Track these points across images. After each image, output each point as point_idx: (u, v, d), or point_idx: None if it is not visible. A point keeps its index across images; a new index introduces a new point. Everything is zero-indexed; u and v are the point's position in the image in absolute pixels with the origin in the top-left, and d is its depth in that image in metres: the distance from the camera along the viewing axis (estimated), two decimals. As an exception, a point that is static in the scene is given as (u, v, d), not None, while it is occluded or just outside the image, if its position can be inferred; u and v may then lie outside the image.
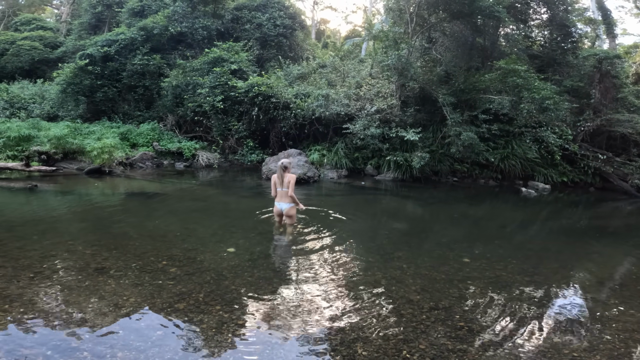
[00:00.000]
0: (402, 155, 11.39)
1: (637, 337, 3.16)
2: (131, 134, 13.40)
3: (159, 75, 15.13)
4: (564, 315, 3.50)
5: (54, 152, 10.79)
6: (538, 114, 11.53)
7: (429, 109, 12.26)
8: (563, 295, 4.06)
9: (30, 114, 14.90)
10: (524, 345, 2.93)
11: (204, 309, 3.14)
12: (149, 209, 7.08)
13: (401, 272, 4.34)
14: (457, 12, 11.53)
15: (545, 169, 12.23)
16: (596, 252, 5.94)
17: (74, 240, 4.85)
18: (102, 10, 20.10)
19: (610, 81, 13.14)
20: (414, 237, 6.25)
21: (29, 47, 19.96)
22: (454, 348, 2.83)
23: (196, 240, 5.06)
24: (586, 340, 3.08)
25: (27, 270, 3.75)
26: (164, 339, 2.74)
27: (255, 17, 17.09)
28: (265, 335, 2.89)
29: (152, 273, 3.82)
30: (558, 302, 3.84)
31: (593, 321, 3.45)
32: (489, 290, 3.95)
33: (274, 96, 12.68)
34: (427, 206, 9.09)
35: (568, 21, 14.09)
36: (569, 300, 3.93)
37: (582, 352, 2.89)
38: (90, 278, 3.65)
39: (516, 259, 5.10)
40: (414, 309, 3.42)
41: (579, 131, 12.75)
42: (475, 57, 12.97)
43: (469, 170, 12.33)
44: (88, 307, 3.10)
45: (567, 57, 14.01)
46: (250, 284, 3.69)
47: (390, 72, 12.09)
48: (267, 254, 4.67)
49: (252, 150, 13.35)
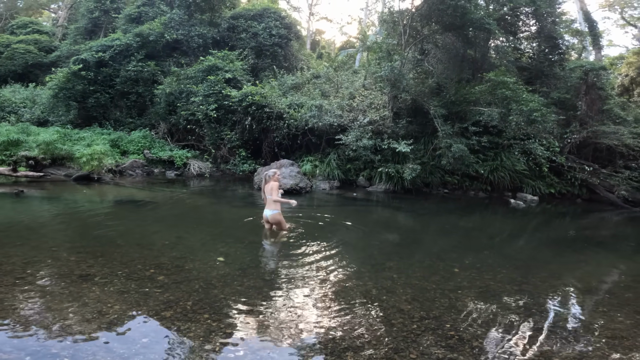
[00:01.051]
0: (393, 167, 11.47)
1: (626, 344, 3.19)
2: (122, 141, 13.29)
3: (152, 82, 15.10)
4: (553, 324, 3.52)
5: (42, 157, 10.63)
6: (526, 126, 11.76)
7: (421, 121, 12.42)
8: (552, 303, 4.10)
9: (20, 118, 14.71)
10: (515, 353, 2.94)
11: (191, 317, 3.08)
12: (137, 216, 6.97)
13: (392, 282, 4.33)
14: (449, 25, 11.81)
15: (534, 180, 12.41)
16: (583, 262, 6.01)
17: (58, 246, 4.74)
18: (99, 15, 20.09)
19: (596, 93, 13.42)
20: (405, 248, 6.26)
21: (23, 51, 19.80)
22: (444, 357, 2.82)
23: (185, 248, 4.99)
24: (576, 348, 3.10)
25: (9, 275, 3.65)
26: (149, 346, 2.68)
27: (251, 26, 17.24)
28: (254, 344, 2.84)
29: (139, 281, 3.75)
30: (547, 311, 3.87)
31: (582, 329, 3.49)
32: (478, 300, 3.97)
33: (267, 106, 12.73)
34: (417, 217, 9.13)
35: (556, 33, 14.45)
36: (557, 308, 3.97)
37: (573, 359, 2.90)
38: (74, 285, 3.56)
39: (505, 269, 5.13)
40: (404, 319, 3.40)
41: (566, 143, 12.97)
42: (466, 69, 13.24)
43: (460, 182, 12.45)
44: (70, 313, 3.01)
45: (555, 69, 14.31)
46: (240, 293, 3.63)
47: (383, 83, 12.26)
48: (258, 263, 4.62)
49: (244, 160, 13.31)
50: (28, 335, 2.68)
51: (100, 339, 2.70)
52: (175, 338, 2.80)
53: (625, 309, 3.95)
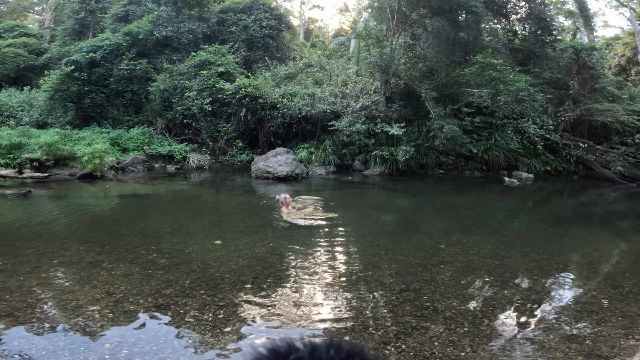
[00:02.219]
0: (387, 150, 11.71)
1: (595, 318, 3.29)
2: (121, 138, 13.55)
3: (146, 79, 15.23)
4: (526, 296, 3.70)
5: (45, 158, 10.93)
6: (515, 105, 11.91)
7: (414, 104, 12.57)
8: (529, 276, 4.25)
9: (20, 121, 14.94)
10: (485, 323, 3.14)
11: (189, 293, 3.42)
12: (140, 209, 7.31)
13: (378, 258, 4.61)
14: (438, 9, 11.85)
15: (529, 158, 12.60)
16: (568, 237, 6.12)
17: (68, 239, 5.08)
18: (86, 16, 20.01)
19: (587, 72, 13.53)
20: (395, 227, 6.55)
21: (13, 54, 19.81)
22: (417, 325, 3.06)
23: (185, 234, 5.31)
24: (545, 319, 3.26)
25: (26, 265, 3.99)
26: (149, 317, 3.02)
27: (240, 19, 17.23)
28: (241, 313, 3.17)
29: (142, 264, 4.08)
30: (523, 283, 4.04)
31: (555, 302, 3.64)
32: (459, 274, 4.18)
33: (261, 97, 12.92)
34: (411, 198, 9.40)
35: (545, 14, 14.48)
36: (534, 281, 4.12)
37: (538, 331, 3.07)
38: (85, 270, 3.90)
39: (490, 245, 5.34)
40: (385, 291, 3.68)
41: (560, 121, 13.14)
42: (457, 52, 13.30)
43: (455, 162, 12.67)
44: (82, 295, 3.35)
45: (546, 50, 14.41)
46: (234, 272, 3.96)
47: (373, 69, 12.39)
48: (252, 245, 4.93)
49: (241, 150, 13.57)
50: (46, 314, 3.03)
51: (107, 314, 3.04)
52: (172, 311, 3.13)
53: (602, 283, 4.08)
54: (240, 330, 2.91)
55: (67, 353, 2.53)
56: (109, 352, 2.56)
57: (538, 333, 3.05)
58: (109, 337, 2.73)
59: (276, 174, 10.65)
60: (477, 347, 2.80)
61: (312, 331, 2.94)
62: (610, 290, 3.90)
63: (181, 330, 2.87)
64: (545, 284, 4.09)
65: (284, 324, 3.02)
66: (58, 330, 2.79)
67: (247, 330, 2.93)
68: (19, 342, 2.63)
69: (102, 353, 2.55)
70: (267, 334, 2.89)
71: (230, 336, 2.83)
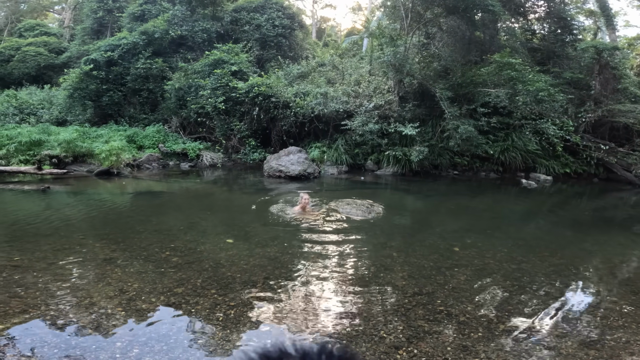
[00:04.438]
0: (401, 150, 11.57)
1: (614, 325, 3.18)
2: (137, 136, 13.78)
3: (162, 78, 15.46)
4: (544, 302, 3.57)
5: (64, 155, 11.20)
6: (534, 106, 11.61)
7: (428, 104, 12.39)
8: (547, 282, 4.11)
9: (40, 119, 15.36)
10: (500, 329, 3.05)
11: (200, 292, 3.42)
12: (155, 206, 7.40)
13: (391, 260, 4.54)
14: (453, 7, 11.63)
15: (547, 160, 12.28)
16: (589, 241, 5.97)
17: (84, 235, 5.17)
18: (103, 15, 20.41)
19: (609, 72, 13.12)
20: (408, 228, 6.45)
21: (34, 53, 20.33)
22: (430, 329, 2.99)
23: (198, 233, 5.35)
24: (564, 326, 3.15)
25: (42, 261, 4.07)
26: (162, 317, 3.03)
27: (253, 18, 17.28)
28: (252, 313, 3.15)
29: (156, 262, 4.11)
30: (541, 289, 3.90)
31: (575, 308, 3.51)
32: (474, 277, 4.07)
33: (273, 96, 12.94)
34: (425, 199, 9.26)
35: (565, 13, 14.10)
36: (552, 287, 3.98)
37: (556, 337, 2.98)
38: (99, 267, 3.95)
39: (507, 248, 5.20)
40: (397, 294, 3.61)
41: (581, 122, 12.76)
42: (473, 52, 13.05)
43: (469, 163, 12.44)
44: (96, 292, 3.39)
45: (567, 50, 14.03)
46: (245, 271, 3.95)
47: (387, 68, 12.25)
48: (264, 244, 4.92)
49: (254, 149, 13.63)
50: (60, 311, 3.07)
51: (119, 313, 3.06)
52: (184, 310, 3.14)
53: (622, 289, 3.94)
54: (251, 331, 2.90)
55: (79, 351, 2.55)
56: (120, 351, 2.57)
57: (555, 339, 2.95)
58: (121, 335, 2.75)
59: (288, 173, 10.65)
60: (491, 352, 2.73)
61: (321, 333, 2.89)
62: (630, 296, 3.77)
63: (192, 330, 2.87)
64: (563, 289, 3.96)
65: (294, 325, 2.99)
66: (71, 328, 2.82)
67: (257, 331, 2.91)
68: (32, 340, 2.67)
69: (113, 352, 2.56)
70: (277, 335, 2.86)
71: (240, 337, 2.82)
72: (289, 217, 6.15)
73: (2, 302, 3.13)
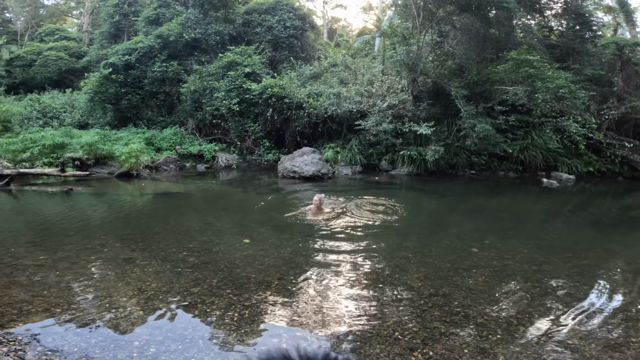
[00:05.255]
0: (416, 150, 11.42)
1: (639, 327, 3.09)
2: (155, 138, 14.10)
3: (177, 81, 15.75)
4: (567, 304, 3.45)
5: (86, 158, 11.57)
6: (554, 103, 11.27)
7: (444, 103, 12.20)
8: (570, 284, 3.96)
9: (62, 122, 15.90)
10: (520, 330, 2.97)
11: (215, 292, 3.46)
12: (172, 207, 7.55)
13: (406, 261, 4.48)
14: (465, 5, 11.41)
15: (569, 159, 11.90)
16: (613, 242, 5.76)
17: (106, 235, 5.33)
18: (120, 19, 20.89)
19: (632, 68, 12.66)
20: (424, 229, 6.35)
21: (55, 58, 20.97)
22: (446, 331, 2.93)
23: (214, 233, 5.42)
24: (584, 329, 3.04)
25: (65, 261, 4.21)
26: (179, 316, 3.09)
27: (265, 20, 17.40)
28: (266, 314, 3.16)
29: (173, 262, 4.19)
30: (563, 291, 3.76)
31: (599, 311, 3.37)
32: (492, 279, 3.97)
33: (287, 97, 13.00)
34: (441, 199, 9.11)
35: (583, 9, 13.69)
36: (576, 289, 3.83)
37: (578, 339, 2.87)
38: (119, 267, 4.06)
39: (527, 249, 5.06)
40: (413, 295, 3.55)
41: (604, 119, 12.33)
42: (489, 49, 12.78)
43: (487, 162, 12.18)
44: (115, 291, 3.48)
45: (587, 46, 13.62)
46: (259, 272, 3.97)
47: (400, 67, 12.13)
48: (278, 244, 4.94)
49: (268, 150, 13.73)
50: (81, 310, 3.16)
51: (138, 312, 3.13)
52: (199, 309, 3.18)
53: None
54: (265, 332, 2.91)
55: (98, 350, 2.61)
56: (137, 350, 2.62)
57: (578, 341, 2.87)
58: (138, 334, 2.81)
59: (302, 174, 10.67)
60: (510, 355, 2.66)
61: (335, 334, 2.88)
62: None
63: (207, 330, 2.90)
64: (587, 291, 3.83)
65: (308, 326, 2.99)
66: (91, 327, 2.90)
67: (271, 331, 2.92)
68: (53, 339, 2.75)
69: (130, 351, 2.61)
70: (291, 336, 2.86)
71: (254, 337, 2.83)
72: (303, 218, 6.16)
73: (26, 301, 3.24)
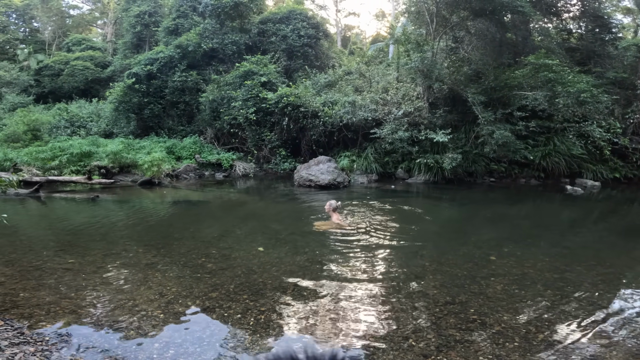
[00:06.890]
0: (432, 158, 11.32)
1: None
2: (176, 147, 14.54)
3: (197, 90, 16.22)
4: (589, 313, 3.35)
5: (111, 166, 12.06)
6: (576, 108, 10.97)
7: (460, 109, 12.08)
8: (593, 293, 3.83)
9: (89, 131, 16.64)
10: (539, 338, 2.91)
11: (233, 297, 3.55)
12: (192, 214, 7.76)
13: (422, 269, 4.45)
14: (479, 10, 11.32)
15: (594, 165, 11.55)
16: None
17: (130, 241, 5.55)
18: (141, 29, 21.62)
19: (655, 71, 12.23)
20: (441, 236, 6.28)
21: (82, 67, 21.88)
22: (461, 339, 2.90)
23: (231, 240, 5.54)
24: (606, 337, 2.97)
25: (92, 265, 4.41)
26: (197, 320, 3.19)
27: (279, 29, 17.74)
28: (281, 319, 3.21)
29: (192, 268, 4.32)
30: (585, 300, 3.65)
31: (620, 316, 3.30)
32: (511, 287, 3.89)
33: (302, 105, 13.17)
34: (459, 207, 8.97)
35: (601, 12, 13.35)
36: (599, 298, 3.72)
37: (600, 347, 2.81)
38: (142, 272, 4.22)
39: (548, 257, 4.93)
40: (428, 303, 3.53)
41: (628, 124, 11.94)
42: (506, 54, 12.61)
43: (507, 169, 11.94)
44: (138, 295, 3.62)
45: (608, 49, 13.24)
46: (275, 278, 4.04)
47: (415, 74, 12.12)
48: (294, 252, 5.00)
49: (284, 159, 13.91)
50: (105, 313, 3.31)
51: (159, 315, 3.25)
52: (217, 314, 3.27)
53: None
54: (279, 337, 2.96)
55: (120, 352, 2.73)
56: (157, 352, 2.72)
57: (600, 349, 2.79)
58: (159, 337, 2.92)
59: (318, 182, 10.75)
60: (527, 363, 2.60)
61: (349, 340, 2.90)
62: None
63: (224, 334, 2.98)
64: (611, 299, 3.72)
65: (322, 332, 3.02)
66: (114, 329, 3.02)
67: (285, 336, 2.97)
68: (78, 340, 2.88)
69: (150, 352, 2.72)
70: (305, 341, 2.90)
71: (269, 342, 2.89)
72: (319, 225, 6.21)
73: (54, 303, 3.42)
